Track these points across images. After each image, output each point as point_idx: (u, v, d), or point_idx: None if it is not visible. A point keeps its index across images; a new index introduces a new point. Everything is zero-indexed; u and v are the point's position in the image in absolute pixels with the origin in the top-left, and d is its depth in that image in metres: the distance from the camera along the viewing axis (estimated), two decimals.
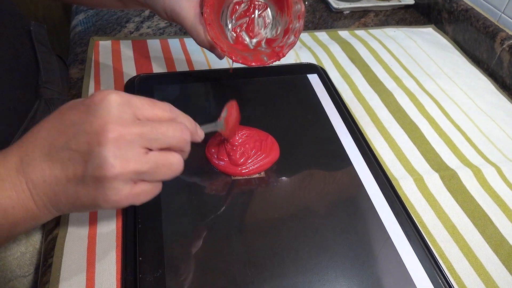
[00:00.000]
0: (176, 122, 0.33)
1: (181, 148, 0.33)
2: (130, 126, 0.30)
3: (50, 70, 0.50)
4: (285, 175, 0.47)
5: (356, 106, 0.59)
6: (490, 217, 0.46)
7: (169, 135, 0.31)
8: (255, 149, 0.47)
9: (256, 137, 0.48)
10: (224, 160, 0.46)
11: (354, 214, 0.44)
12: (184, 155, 0.34)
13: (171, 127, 0.32)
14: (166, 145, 0.32)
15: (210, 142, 0.48)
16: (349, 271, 0.39)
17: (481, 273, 0.41)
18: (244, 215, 0.42)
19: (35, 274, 0.47)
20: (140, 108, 0.31)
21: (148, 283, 0.36)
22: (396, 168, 0.51)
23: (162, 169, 0.32)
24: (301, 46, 0.70)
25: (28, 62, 0.48)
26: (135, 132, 0.30)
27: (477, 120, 0.59)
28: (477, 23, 0.71)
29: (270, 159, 0.47)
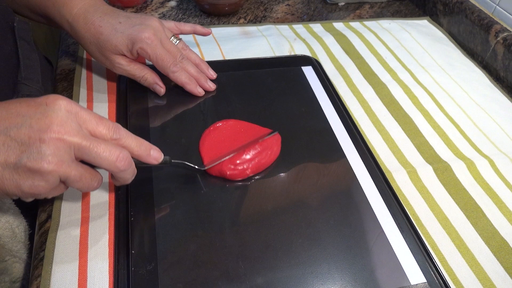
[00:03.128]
0: (116, 149, 0.34)
1: (112, 173, 0.36)
2: (73, 134, 0.32)
3: (30, 67, 0.49)
4: (278, 168, 0.47)
5: (351, 99, 0.59)
6: (482, 209, 0.46)
7: (101, 157, 0.34)
8: (254, 161, 0.45)
9: (256, 148, 0.46)
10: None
11: (347, 206, 0.44)
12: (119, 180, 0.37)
13: (108, 150, 0.34)
14: (97, 164, 0.34)
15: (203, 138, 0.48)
16: (342, 263, 0.39)
17: (473, 265, 0.41)
18: (237, 208, 0.42)
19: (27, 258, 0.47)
20: (86, 121, 0.34)
21: (140, 276, 0.36)
22: (390, 160, 0.51)
23: (82, 181, 0.34)
24: (295, 38, 0.69)
25: (8, 58, 0.47)
26: (75, 141, 0.32)
27: (470, 112, 0.59)
28: (472, 15, 0.71)
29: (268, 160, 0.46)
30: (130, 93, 0.53)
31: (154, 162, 0.38)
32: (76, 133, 0.32)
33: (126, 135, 0.36)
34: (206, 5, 0.72)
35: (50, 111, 0.32)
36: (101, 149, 0.33)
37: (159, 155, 0.39)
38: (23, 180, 0.32)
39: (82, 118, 0.34)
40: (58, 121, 0.32)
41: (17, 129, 0.31)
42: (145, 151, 0.37)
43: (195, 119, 0.51)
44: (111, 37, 0.48)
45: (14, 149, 0.31)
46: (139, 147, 0.37)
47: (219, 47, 0.65)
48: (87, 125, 0.34)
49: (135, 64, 0.51)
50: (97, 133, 0.34)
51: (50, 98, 0.33)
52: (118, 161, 0.34)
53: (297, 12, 0.79)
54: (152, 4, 0.76)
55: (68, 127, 0.32)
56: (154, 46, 0.48)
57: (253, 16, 0.76)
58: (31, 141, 0.31)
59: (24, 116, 0.32)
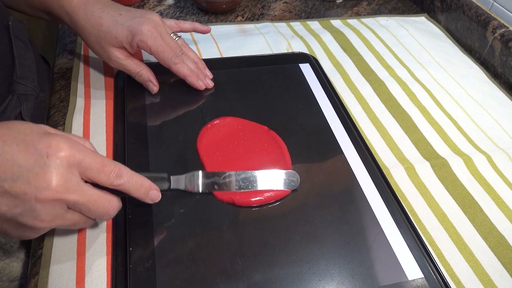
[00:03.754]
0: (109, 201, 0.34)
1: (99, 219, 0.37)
2: (70, 192, 0.31)
3: (26, 66, 0.49)
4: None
5: (348, 96, 0.59)
6: (480, 205, 0.46)
7: (94, 212, 0.34)
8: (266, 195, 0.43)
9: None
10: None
11: (345, 203, 0.44)
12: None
13: (101, 207, 0.34)
14: (89, 216, 0.34)
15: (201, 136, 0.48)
16: (340, 260, 0.39)
17: (471, 260, 0.41)
18: (235, 206, 0.42)
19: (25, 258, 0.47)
20: (87, 170, 0.32)
21: (138, 274, 0.36)
22: (387, 157, 0.51)
23: (75, 226, 0.35)
24: (293, 36, 0.69)
25: (3, 57, 0.47)
26: (71, 198, 0.31)
27: (468, 108, 0.59)
28: (469, 11, 0.71)
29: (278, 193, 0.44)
30: (127, 90, 0.53)
31: (151, 202, 0.38)
32: (74, 190, 0.31)
33: (127, 180, 0.35)
34: (204, 3, 0.72)
35: (51, 166, 0.30)
36: (95, 206, 0.33)
37: (157, 196, 0.38)
38: (12, 230, 0.31)
39: (83, 167, 0.32)
40: (57, 179, 0.30)
41: (13, 181, 0.29)
42: (144, 193, 0.37)
43: (192, 116, 0.51)
44: (111, 29, 0.48)
45: (7, 201, 0.30)
46: (139, 189, 0.36)
47: (216, 45, 0.65)
48: (88, 173, 0.33)
49: (132, 59, 0.51)
50: (96, 181, 0.33)
51: (53, 147, 0.31)
52: (106, 215, 0.35)
53: (294, 9, 0.78)
54: (150, 2, 0.76)
55: (67, 184, 0.31)
56: (155, 38, 0.48)
57: (251, 14, 0.76)
58: (26, 198, 0.29)
59: (21, 167, 0.29)
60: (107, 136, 0.49)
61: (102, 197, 0.34)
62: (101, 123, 0.50)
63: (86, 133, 0.49)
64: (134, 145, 0.47)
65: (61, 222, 0.32)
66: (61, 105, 0.53)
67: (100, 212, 0.34)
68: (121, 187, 0.35)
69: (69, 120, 0.50)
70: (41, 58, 0.58)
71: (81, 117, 0.51)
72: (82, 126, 0.50)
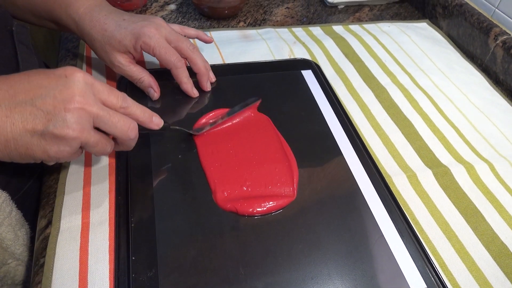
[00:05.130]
0: (128, 119, 0.38)
1: (121, 140, 0.40)
2: (92, 104, 0.35)
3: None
4: None
5: (350, 102, 0.59)
6: (482, 214, 0.46)
7: (117, 126, 0.37)
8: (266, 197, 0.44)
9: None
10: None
11: (347, 211, 0.44)
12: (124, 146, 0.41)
13: (122, 121, 0.38)
14: (111, 133, 0.38)
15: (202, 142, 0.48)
16: (342, 268, 0.39)
17: (473, 269, 0.41)
18: (237, 214, 0.42)
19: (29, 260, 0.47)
20: (99, 92, 0.37)
21: (141, 283, 0.36)
22: (390, 164, 0.51)
23: (98, 146, 0.38)
24: (295, 42, 0.69)
25: (7, 61, 0.48)
26: (94, 111, 0.36)
27: (470, 116, 0.59)
28: (471, 18, 0.71)
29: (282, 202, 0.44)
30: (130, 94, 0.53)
31: (156, 128, 0.42)
32: (94, 103, 0.36)
33: (132, 103, 0.40)
34: (206, 9, 0.72)
35: (71, 82, 0.35)
36: (116, 119, 0.37)
37: (160, 121, 0.43)
38: (50, 146, 0.35)
39: (96, 89, 0.37)
40: (79, 92, 0.35)
41: (42, 99, 0.34)
42: (148, 117, 0.41)
43: (194, 122, 0.51)
44: (115, 33, 0.49)
45: (40, 118, 0.33)
46: (143, 114, 0.41)
47: (218, 50, 0.65)
48: (100, 95, 0.37)
49: (134, 65, 0.51)
50: (108, 102, 0.37)
51: (68, 70, 0.36)
52: (130, 130, 0.38)
53: (296, 15, 0.79)
54: (152, 7, 0.76)
55: (88, 98, 0.35)
56: (157, 39, 0.49)
57: (253, 19, 0.76)
58: (56, 110, 0.34)
59: (46, 87, 0.34)
60: None
61: (121, 115, 0.38)
62: None
63: None
64: (136, 152, 0.46)
65: (88, 136, 0.36)
66: None
67: (122, 125, 0.38)
68: (128, 109, 0.39)
69: None
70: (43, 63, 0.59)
71: None
72: None
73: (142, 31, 0.48)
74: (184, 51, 0.51)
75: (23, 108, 0.34)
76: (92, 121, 0.36)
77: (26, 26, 0.53)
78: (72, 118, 0.34)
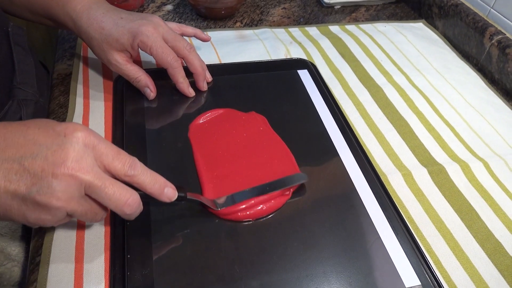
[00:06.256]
0: (127, 192, 0.34)
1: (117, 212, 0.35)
2: (86, 171, 0.32)
3: (26, 72, 0.50)
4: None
5: (346, 102, 0.59)
6: (477, 212, 0.46)
7: (111, 199, 0.33)
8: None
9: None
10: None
11: (342, 209, 0.44)
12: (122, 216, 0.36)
13: (118, 193, 0.33)
14: (104, 204, 0.34)
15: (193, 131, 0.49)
16: (337, 266, 0.39)
17: (468, 267, 0.41)
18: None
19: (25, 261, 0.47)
20: (102, 155, 0.33)
21: (136, 281, 0.36)
22: (385, 163, 0.51)
23: (87, 216, 0.34)
24: (291, 42, 0.69)
25: (3, 63, 0.48)
26: (87, 179, 0.32)
27: (466, 115, 0.59)
28: (466, 18, 0.72)
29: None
30: (126, 96, 0.53)
31: (167, 201, 0.37)
32: (90, 170, 0.32)
33: (141, 172, 0.35)
34: (203, 9, 0.72)
35: (68, 143, 0.32)
36: (112, 191, 0.33)
37: (173, 193, 0.37)
38: (30, 212, 0.31)
39: (99, 151, 0.33)
40: (74, 155, 0.31)
41: (32, 159, 0.31)
42: (158, 189, 0.36)
43: (190, 121, 0.51)
44: (113, 31, 0.48)
45: (25, 180, 0.30)
46: (153, 185, 0.35)
47: (215, 50, 0.65)
48: (103, 159, 0.33)
49: (131, 65, 0.52)
50: (111, 168, 0.33)
51: (69, 128, 0.33)
52: (126, 206, 0.34)
53: (293, 15, 0.79)
54: (149, 8, 0.76)
55: (83, 163, 0.32)
56: (155, 38, 0.49)
57: (250, 20, 0.76)
58: (43, 174, 0.30)
59: (41, 145, 0.31)
60: None
61: (120, 185, 0.33)
62: (100, 129, 0.50)
63: None
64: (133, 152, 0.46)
65: (75, 206, 0.32)
66: (60, 110, 0.53)
67: (117, 199, 0.33)
68: (135, 178, 0.34)
69: None
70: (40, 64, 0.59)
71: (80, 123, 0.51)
72: None
73: (139, 29, 0.48)
74: (181, 51, 0.52)
75: (10, 165, 0.30)
76: (83, 189, 0.32)
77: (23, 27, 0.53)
78: (59, 186, 0.31)
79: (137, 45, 0.49)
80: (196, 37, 0.60)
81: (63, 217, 0.33)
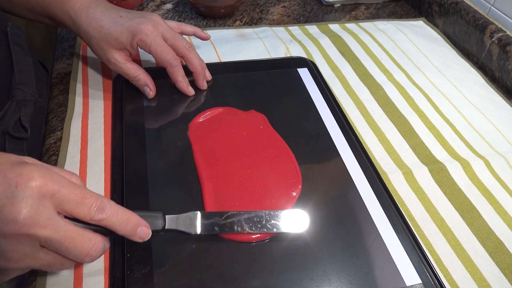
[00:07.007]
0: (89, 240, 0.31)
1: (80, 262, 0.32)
2: (40, 227, 0.28)
3: (24, 72, 0.50)
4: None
5: (346, 100, 0.59)
6: (478, 210, 0.46)
7: (72, 252, 0.30)
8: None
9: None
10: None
11: (343, 208, 0.44)
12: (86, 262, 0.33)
13: (79, 246, 0.30)
14: (65, 256, 0.31)
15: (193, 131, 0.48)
16: (338, 265, 0.39)
17: (469, 265, 0.41)
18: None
19: None
20: (63, 202, 0.29)
21: (136, 280, 0.36)
22: (386, 161, 0.51)
23: (50, 268, 0.31)
24: (291, 40, 0.69)
25: (2, 63, 0.47)
26: (42, 234, 0.28)
27: (466, 113, 0.59)
28: (467, 16, 0.71)
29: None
30: (126, 95, 0.53)
31: (140, 241, 0.34)
32: (46, 224, 0.28)
33: (110, 215, 0.31)
34: (202, 8, 0.72)
35: (19, 197, 0.27)
36: (72, 244, 0.30)
37: (147, 233, 0.34)
38: None
39: (59, 198, 0.29)
40: (26, 211, 0.27)
41: None
42: (131, 230, 0.33)
43: (190, 120, 0.51)
44: (112, 30, 0.48)
45: None
46: (125, 226, 0.32)
47: (215, 49, 0.65)
48: (64, 206, 0.29)
49: (130, 63, 0.51)
50: (75, 214, 0.30)
51: (23, 177, 0.28)
52: (88, 256, 0.31)
53: (293, 13, 0.79)
54: (148, 6, 0.76)
55: (37, 217, 0.28)
56: (154, 37, 0.49)
57: (249, 18, 0.76)
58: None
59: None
60: (105, 141, 0.49)
61: (82, 235, 0.30)
62: (100, 128, 0.50)
63: (85, 138, 0.49)
64: (132, 151, 0.47)
65: (32, 263, 0.29)
66: (59, 110, 0.53)
67: (79, 252, 0.30)
68: (104, 222, 0.31)
69: (67, 125, 0.50)
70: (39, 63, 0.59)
71: (79, 122, 0.51)
72: (80, 131, 0.50)
73: (139, 28, 0.48)
74: (180, 50, 0.51)
75: None
76: (39, 244, 0.29)
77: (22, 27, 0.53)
78: (9, 246, 0.27)
79: (136, 43, 0.49)
80: (196, 35, 0.60)
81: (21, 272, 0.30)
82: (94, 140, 0.49)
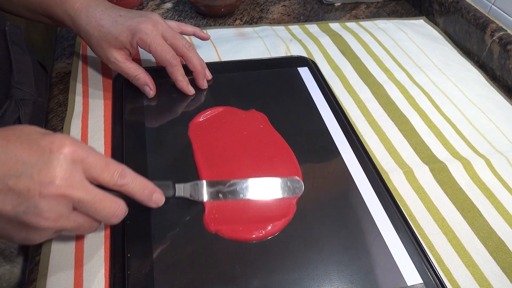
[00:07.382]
0: (115, 203, 0.33)
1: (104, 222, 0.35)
2: (75, 188, 0.31)
3: (23, 71, 0.50)
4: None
5: (347, 99, 0.59)
6: (479, 209, 0.46)
7: (100, 213, 0.33)
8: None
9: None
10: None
11: (343, 207, 0.43)
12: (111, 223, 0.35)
13: (108, 207, 0.33)
14: (94, 217, 0.33)
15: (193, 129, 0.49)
16: (339, 264, 0.39)
17: (470, 265, 0.41)
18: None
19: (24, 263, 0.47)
20: (91, 168, 0.32)
21: (136, 280, 0.36)
22: (386, 161, 0.50)
23: (79, 230, 0.33)
24: (291, 39, 0.69)
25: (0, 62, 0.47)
26: (76, 195, 0.31)
27: (467, 112, 0.59)
28: (467, 14, 0.71)
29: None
30: (126, 94, 0.53)
31: (154, 206, 0.37)
32: (79, 186, 0.31)
33: (130, 181, 0.34)
34: (202, 7, 0.72)
35: (55, 161, 0.30)
36: (101, 205, 0.32)
37: (161, 199, 0.37)
38: (16, 232, 0.31)
39: (87, 164, 0.32)
40: (61, 174, 0.30)
41: (16, 178, 0.29)
42: (147, 196, 0.36)
43: (190, 119, 0.51)
44: (112, 29, 0.48)
45: (10, 199, 0.29)
46: (142, 191, 0.35)
47: (215, 48, 0.65)
48: (91, 172, 0.32)
49: (130, 62, 0.51)
50: (100, 180, 0.33)
51: (56, 143, 0.31)
52: (114, 217, 0.34)
53: (293, 12, 0.78)
54: (148, 6, 0.76)
55: (71, 180, 0.30)
56: (154, 36, 0.49)
57: (249, 17, 0.76)
58: (30, 194, 0.29)
59: (24, 163, 0.29)
60: (105, 140, 0.49)
61: (109, 197, 0.33)
62: (100, 127, 0.50)
63: (85, 137, 0.49)
64: (133, 150, 0.46)
65: (65, 223, 0.31)
66: (59, 109, 0.53)
67: (107, 213, 0.33)
68: (125, 187, 0.34)
69: (67, 124, 0.50)
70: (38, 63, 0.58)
71: (79, 122, 0.50)
72: (80, 131, 0.49)
73: (138, 27, 0.48)
74: (180, 49, 0.51)
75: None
76: (72, 205, 0.31)
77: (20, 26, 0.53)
78: (47, 206, 0.29)
79: (136, 42, 0.48)
80: (196, 35, 0.59)
81: (52, 234, 0.32)
82: (94, 140, 0.48)
